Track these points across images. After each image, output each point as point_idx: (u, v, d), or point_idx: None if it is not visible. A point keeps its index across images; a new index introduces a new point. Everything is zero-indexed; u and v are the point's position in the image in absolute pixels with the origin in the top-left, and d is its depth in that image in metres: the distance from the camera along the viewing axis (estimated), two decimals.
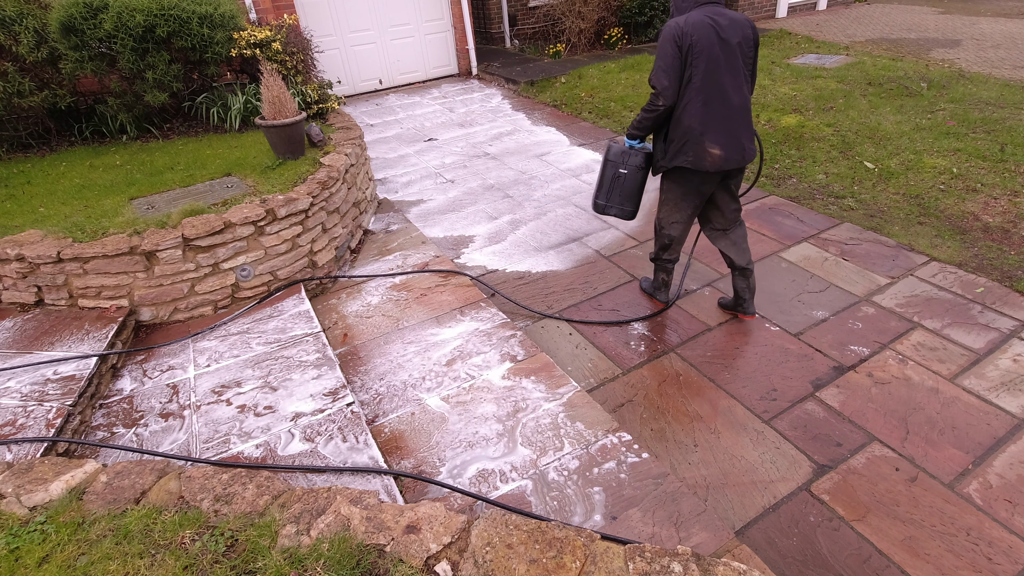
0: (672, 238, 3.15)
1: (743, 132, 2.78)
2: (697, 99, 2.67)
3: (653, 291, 3.49)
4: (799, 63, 7.80)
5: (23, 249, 3.11)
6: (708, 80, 2.63)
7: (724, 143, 2.74)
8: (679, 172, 2.91)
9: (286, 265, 3.58)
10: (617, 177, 3.12)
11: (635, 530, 2.14)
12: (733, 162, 2.79)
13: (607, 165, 3.14)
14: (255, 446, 2.45)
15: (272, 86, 3.93)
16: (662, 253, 3.26)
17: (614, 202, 3.19)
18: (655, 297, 3.49)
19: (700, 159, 2.77)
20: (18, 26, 4.42)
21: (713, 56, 2.60)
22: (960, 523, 2.19)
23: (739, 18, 2.66)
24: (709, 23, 2.59)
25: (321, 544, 1.71)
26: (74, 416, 2.55)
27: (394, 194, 5.22)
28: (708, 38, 2.58)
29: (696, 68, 2.62)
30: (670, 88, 2.67)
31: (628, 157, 3.08)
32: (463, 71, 9.04)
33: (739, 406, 2.76)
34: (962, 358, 2.95)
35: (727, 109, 2.70)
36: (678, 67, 2.63)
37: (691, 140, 2.74)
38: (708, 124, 2.70)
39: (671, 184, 3.02)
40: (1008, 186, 4.39)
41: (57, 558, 1.73)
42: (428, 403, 2.81)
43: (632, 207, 3.19)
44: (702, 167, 2.79)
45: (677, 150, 2.81)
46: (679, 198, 3.01)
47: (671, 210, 3.08)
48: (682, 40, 2.59)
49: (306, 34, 6.10)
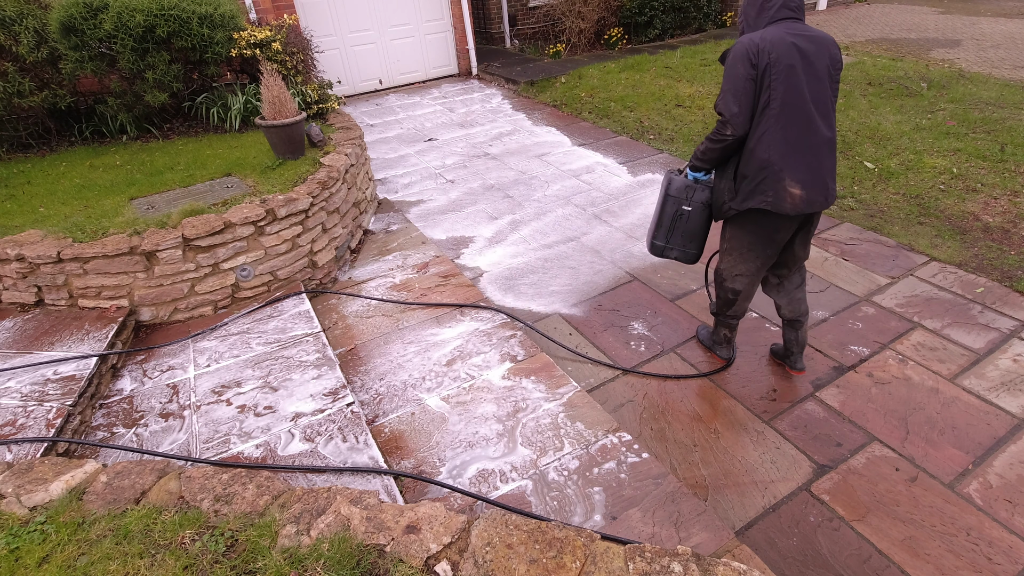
0: (737, 293, 2.72)
1: (828, 169, 2.34)
2: (776, 127, 2.25)
3: (712, 345, 3.06)
4: None
5: (23, 249, 3.11)
6: (789, 106, 2.23)
7: (806, 181, 2.29)
8: (750, 216, 2.46)
9: (286, 265, 3.58)
10: (679, 215, 2.69)
11: (635, 530, 2.14)
12: (816, 204, 2.34)
13: (667, 201, 2.71)
14: (255, 446, 2.45)
15: (272, 86, 3.93)
16: (725, 309, 2.83)
17: (675, 243, 2.77)
18: (714, 351, 3.05)
19: (780, 200, 2.32)
20: (18, 26, 4.42)
21: (795, 78, 2.20)
22: (960, 523, 2.19)
23: (823, 37, 2.27)
24: (790, 40, 2.20)
25: (321, 544, 1.71)
26: (74, 416, 2.55)
27: (394, 194, 5.22)
28: (789, 57, 2.19)
29: (775, 91, 2.22)
30: (740, 115, 2.26)
31: (693, 192, 2.63)
32: (463, 71, 9.04)
33: (739, 406, 2.76)
34: (962, 358, 2.95)
35: (811, 140, 2.28)
36: (751, 91, 2.24)
37: (769, 177, 2.30)
38: (789, 158, 2.27)
39: (739, 231, 2.56)
40: (1008, 186, 4.39)
41: (57, 558, 1.73)
42: (428, 403, 2.81)
43: (696, 249, 2.77)
44: (781, 209, 2.33)
45: (751, 189, 2.36)
46: (747, 247, 2.56)
47: (736, 261, 2.63)
48: (758, 58, 2.20)
49: (306, 34, 6.10)
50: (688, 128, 6.06)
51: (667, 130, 6.09)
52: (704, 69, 7.85)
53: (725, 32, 9.87)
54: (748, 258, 2.59)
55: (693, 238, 2.73)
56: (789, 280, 2.71)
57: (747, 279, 2.66)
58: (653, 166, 5.37)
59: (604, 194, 4.90)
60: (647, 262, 3.91)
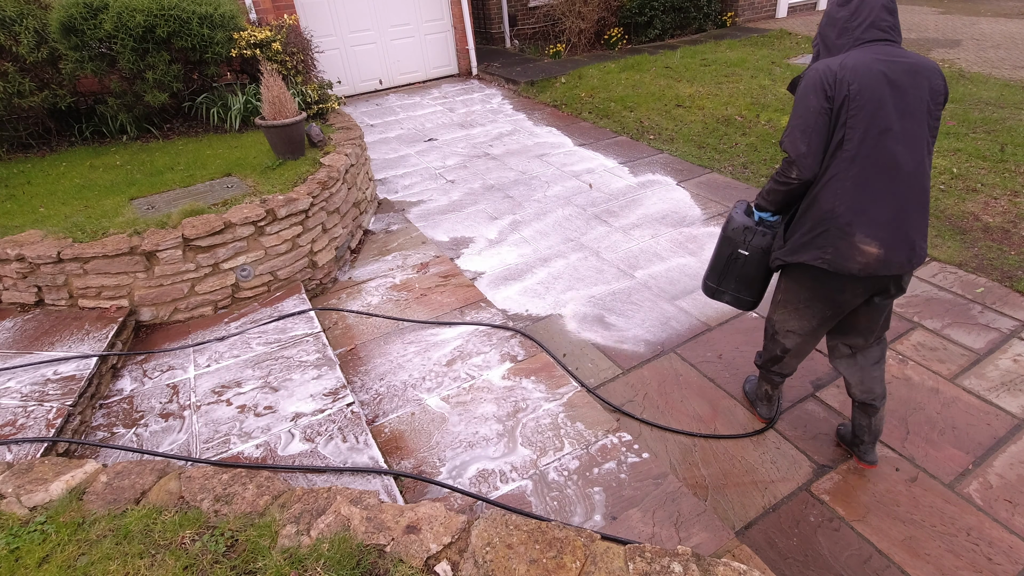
0: (786, 351, 2.37)
1: (915, 222, 1.92)
2: (848, 173, 1.89)
3: (753, 400, 2.72)
4: (799, 63, 7.80)
5: (23, 249, 3.11)
6: (870, 146, 1.85)
7: (885, 238, 1.90)
8: (807, 270, 2.09)
9: (286, 265, 3.58)
10: (735, 259, 2.37)
11: (635, 530, 2.14)
12: (895, 265, 1.93)
13: (724, 242, 2.40)
14: (255, 446, 2.45)
15: (272, 86, 3.93)
16: (771, 365, 2.49)
17: (728, 287, 2.46)
18: (754, 408, 2.71)
19: (843, 259, 1.94)
20: (18, 26, 4.42)
21: (881, 114, 1.83)
22: (960, 523, 2.19)
23: (923, 64, 1.86)
24: (878, 68, 1.83)
25: (321, 544, 1.71)
26: (74, 416, 2.55)
27: (394, 194, 5.23)
28: (875, 88, 1.82)
29: (852, 129, 1.85)
30: (809, 156, 1.91)
31: (752, 236, 2.29)
32: (463, 71, 9.04)
33: (739, 406, 2.76)
34: (962, 358, 2.95)
35: (896, 190, 1.88)
36: (823, 127, 1.88)
37: (832, 231, 1.94)
38: (862, 209, 1.90)
39: (794, 283, 2.20)
40: (1008, 186, 4.39)
41: (57, 558, 1.73)
42: (428, 403, 2.81)
43: (752, 297, 2.44)
44: (844, 269, 1.95)
45: (806, 241, 2.01)
46: (803, 303, 2.19)
47: (789, 315, 2.27)
48: (835, 89, 1.84)
49: (306, 34, 6.10)
50: (688, 128, 6.06)
51: (667, 130, 6.09)
52: (704, 69, 7.85)
53: (725, 32, 9.87)
54: (803, 315, 2.22)
55: (749, 284, 2.40)
56: (864, 354, 2.26)
57: (799, 338, 2.30)
58: (653, 166, 5.37)
59: (604, 194, 4.90)
60: (647, 260, 3.91)
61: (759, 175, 4.98)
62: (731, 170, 5.14)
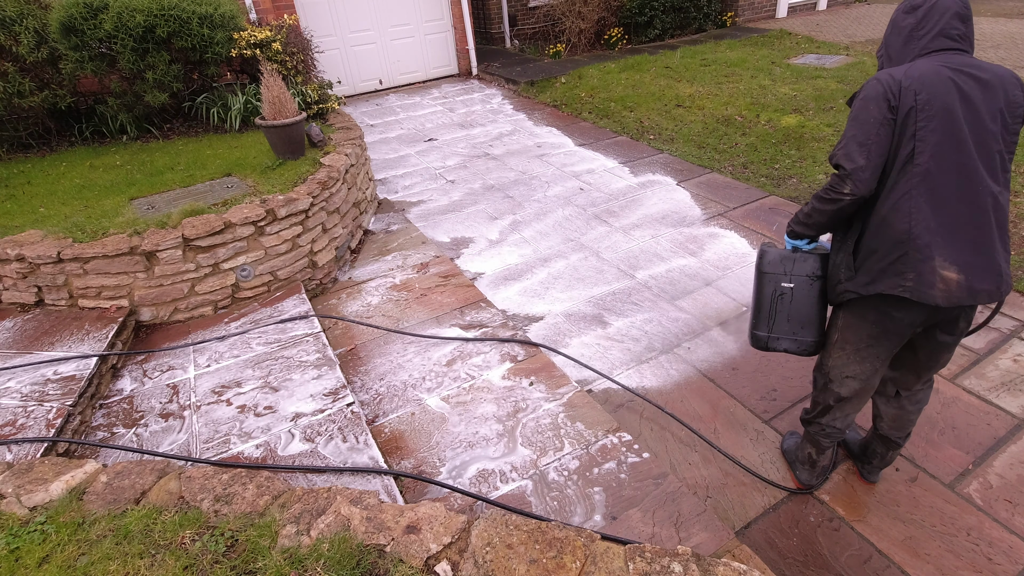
0: (841, 400, 2.10)
1: (998, 245, 1.73)
2: (921, 190, 1.70)
3: (793, 461, 2.42)
4: (799, 63, 7.80)
5: (23, 249, 3.11)
6: (942, 161, 1.68)
7: (967, 263, 1.71)
8: (876, 303, 1.86)
9: (286, 265, 3.58)
10: (780, 295, 2.10)
11: (635, 530, 2.14)
12: (983, 294, 1.72)
13: (762, 280, 2.13)
14: (255, 446, 2.45)
15: (272, 86, 3.94)
16: (820, 417, 2.21)
17: (782, 331, 2.15)
18: (793, 470, 2.41)
19: (925, 285, 1.73)
20: (18, 26, 4.42)
21: (954, 126, 1.67)
22: (960, 523, 2.19)
23: (998, 73, 1.70)
24: (948, 76, 1.68)
25: (321, 544, 1.71)
26: (74, 416, 2.55)
27: (394, 194, 5.23)
28: (945, 98, 1.67)
29: (923, 142, 1.68)
30: (867, 170, 1.72)
31: (793, 263, 2.06)
32: (463, 71, 9.04)
33: (739, 406, 2.76)
34: (962, 358, 2.95)
35: (975, 210, 1.70)
36: (885, 139, 1.71)
37: (911, 254, 1.73)
38: (941, 232, 1.71)
39: (857, 320, 1.95)
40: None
41: (57, 558, 1.73)
42: (428, 403, 2.81)
43: (812, 336, 2.13)
44: (927, 298, 1.73)
45: (883, 268, 1.79)
46: (867, 343, 1.95)
47: (849, 359, 2.02)
48: (900, 99, 1.69)
49: (306, 34, 6.10)
50: (688, 128, 6.07)
51: (667, 130, 6.09)
52: (704, 69, 7.85)
53: (725, 32, 9.87)
54: (866, 356, 1.97)
55: (805, 323, 2.11)
56: (912, 397, 2.09)
57: (859, 384, 2.04)
58: (653, 166, 5.37)
59: (605, 194, 4.90)
60: (647, 261, 3.91)
61: (759, 175, 4.98)
62: (731, 170, 5.14)
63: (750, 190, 4.77)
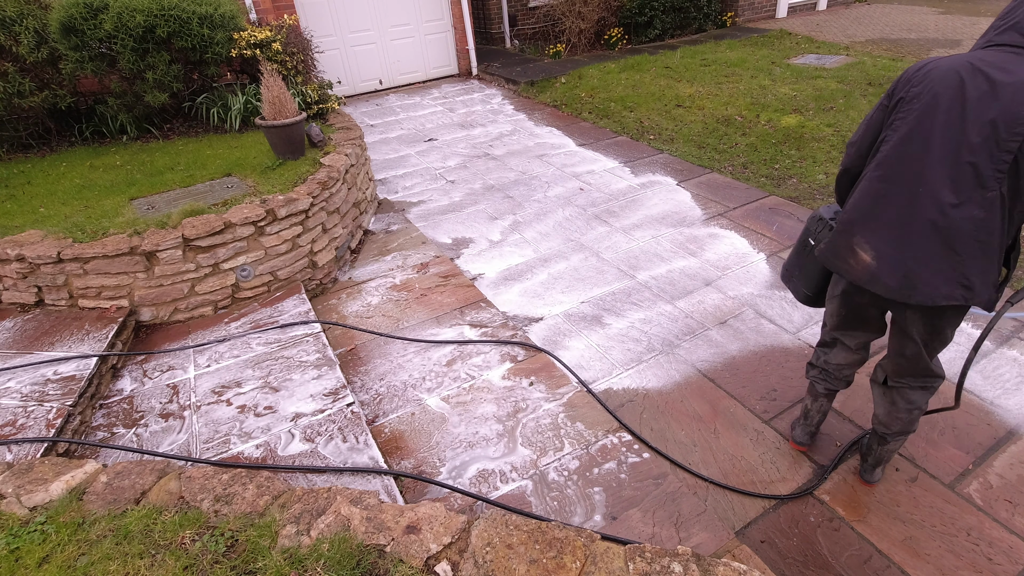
0: (824, 344, 2.35)
1: (920, 257, 1.72)
2: (873, 175, 1.79)
3: (793, 424, 2.59)
4: (799, 63, 7.80)
5: (23, 249, 3.11)
6: (901, 156, 1.71)
7: (883, 253, 1.78)
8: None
9: (286, 265, 3.58)
10: (805, 247, 2.27)
11: (635, 530, 2.14)
12: (881, 285, 1.80)
13: (804, 231, 2.31)
14: (255, 446, 2.45)
15: (272, 86, 3.94)
16: (818, 350, 2.41)
17: (795, 276, 2.35)
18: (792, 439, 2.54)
19: (833, 254, 1.94)
20: (18, 26, 4.42)
21: (924, 126, 1.66)
22: (960, 523, 2.19)
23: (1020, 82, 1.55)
24: (961, 77, 1.61)
25: (321, 544, 1.71)
26: (74, 416, 2.55)
27: (394, 194, 5.23)
28: (938, 98, 1.63)
29: (895, 132, 1.73)
30: (853, 146, 1.90)
31: (821, 228, 2.17)
32: (463, 71, 9.04)
33: (739, 406, 2.76)
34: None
35: (911, 213, 1.71)
36: (875, 122, 1.82)
37: (838, 227, 1.91)
38: (870, 215, 1.80)
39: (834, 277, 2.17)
40: None
41: (57, 558, 1.73)
42: (428, 403, 2.81)
43: (808, 291, 2.29)
44: (833, 267, 1.96)
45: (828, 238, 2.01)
46: (833, 291, 2.15)
47: (829, 301, 2.22)
48: (904, 88, 1.72)
49: (306, 34, 6.10)
50: (688, 128, 6.06)
51: (667, 130, 6.09)
52: (704, 69, 7.85)
53: (725, 32, 9.87)
54: (831, 309, 2.19)
55: (809, 277, 2.28)
56: (903, 393, 2.12)
57: (832, 331, 2.26)
58: (653, 166, 5.36)
59: (605, 195, 4.90)
60: (647, 261, 3.91)
61: (759, 175, 4.98)
62: (731, 170, 5.14)
63: (750, 190, 4.77)
